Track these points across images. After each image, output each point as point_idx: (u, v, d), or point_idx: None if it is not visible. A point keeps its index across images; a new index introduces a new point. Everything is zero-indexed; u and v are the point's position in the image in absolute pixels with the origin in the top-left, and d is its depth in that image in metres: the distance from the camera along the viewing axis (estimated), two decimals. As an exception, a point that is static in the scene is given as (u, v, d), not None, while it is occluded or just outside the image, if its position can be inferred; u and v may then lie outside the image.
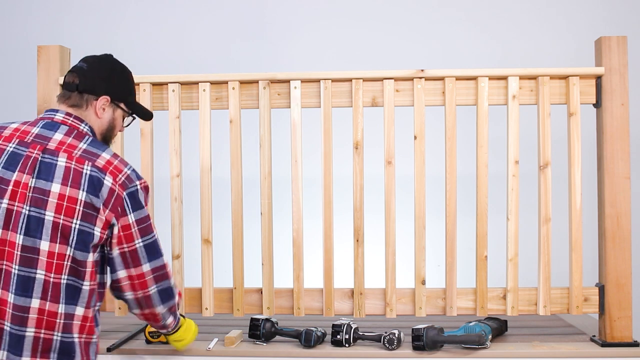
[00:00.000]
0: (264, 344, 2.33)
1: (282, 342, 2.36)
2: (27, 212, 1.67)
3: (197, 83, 2.44)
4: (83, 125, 1.83)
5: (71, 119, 1.82)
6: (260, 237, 2.43)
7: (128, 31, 3.67)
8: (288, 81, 2.43)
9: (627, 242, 2.32)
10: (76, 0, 3.76)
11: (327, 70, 2.42)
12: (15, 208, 1.67)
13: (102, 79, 1.86)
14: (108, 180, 1.74)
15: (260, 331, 2.33)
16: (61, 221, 1.68)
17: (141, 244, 1.81)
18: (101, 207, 1.72)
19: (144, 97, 2.43)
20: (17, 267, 1.65)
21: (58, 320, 1.68)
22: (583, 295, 2.36)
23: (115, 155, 1.81)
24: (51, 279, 1.67)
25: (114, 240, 1.77)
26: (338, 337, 2.29)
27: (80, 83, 1.83)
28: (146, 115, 2.04)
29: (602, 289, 2.34)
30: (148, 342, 2.30)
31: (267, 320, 2.35)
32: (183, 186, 2.47)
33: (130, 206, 1.77)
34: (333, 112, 2.42)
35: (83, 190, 1.70)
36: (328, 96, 2.41)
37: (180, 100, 2.45)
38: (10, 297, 1.65)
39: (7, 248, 1.66)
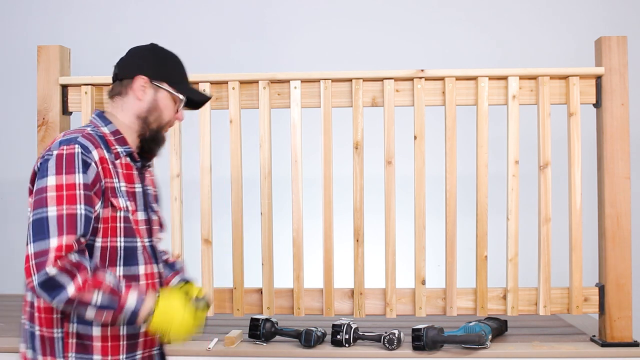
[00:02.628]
0: (264, 344, 2.33)
1: (282, 342, 2.36)
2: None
3: (197, 83, 2.44)
4: (92, 115, 1.75)
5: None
6: (260, 237, 2.43)
7: (128, 31, 3.67)
8: (288, 81, 2.43)
9: (627, 242, 2.32)
10: (76, 0, 3.76)
11: (327, 70, 2.42)
12: None
13: (138, 61, 1.77)
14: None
15: (260, 331, 2.33)
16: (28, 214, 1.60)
17: (30, 218, 1.51)
18: (30, 187, 1.59)
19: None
20: None
21: (27, 308, 1.62)
22: (583, 295, 2.36)
23: (69, 131, 1.63)
24: None
25: None
26: (338, 337, 2.29)
27: (118, 72, 1.75)
28: (198, 96, 1.80)
29: (602, 289, 2.34)
30: None
31: (267, 320, 2.35)
32: (183, 186, 2.47)
33: (37, 177, 1.55)
34: (333, 112, 2.42)
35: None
36: (328, 96, 2.41)
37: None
38: None
39: None
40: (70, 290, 1.47)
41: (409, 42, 3.60)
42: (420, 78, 2.38)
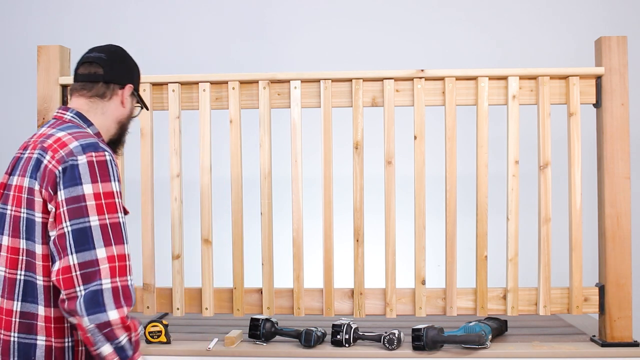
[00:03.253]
0: (264, 344, 2.33)
1: (282, 342, 2.36)
2: (0, 210, 1.64)
3: (197, 83, 2.44)
4: (67, 113, 1.71)
5: (60, 111, 1.73)
6: (260, 237, 2.43)
7: (128, 31, 3.67)
8: (288, 81, 2.43)
9: (627, 242, 2.32)
10: (76, 0, 3.76)
11: (327, 70, 2.42)
12: None
13: (125, 69, 1.80)
14: (46, 158, 1.56)
15: (260, 331, 2.33)
16: (14, 213, 1.59)
17: (69, 228, 1.48)
18: (38, 189, 1.55)
19: (144, 97, 2.43)
20: None
21: (14, 319, 1.55)
22: (583, 295, 2.36)
23: (73, 133, 1.61)
24: (8, 275, 1.57)
25: (50, 221, 1.54)
26: (338, 337, 2.29)
27: (105, 73, 1.74)
28: (146, 106, 1.93)
29: (602, 289, 2.34)
30: (148, 342, 2.30)
31: (267, 320, 2.35)
32: (183, 186, 2.47)
33: (62, 183, 1.51)
34: (333, 112, 2.42)
35: (28, 177, 1.58)
36: (328, 96, 2.41)
37: (180, 100, 2.45)
38: None
39: None
40: (113, 316, 1.44)
41: (409, 42, 3.60)
42: (420, 78, 2.38)
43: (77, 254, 1.46)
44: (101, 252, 1.47)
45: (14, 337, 1.55)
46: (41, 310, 1.55)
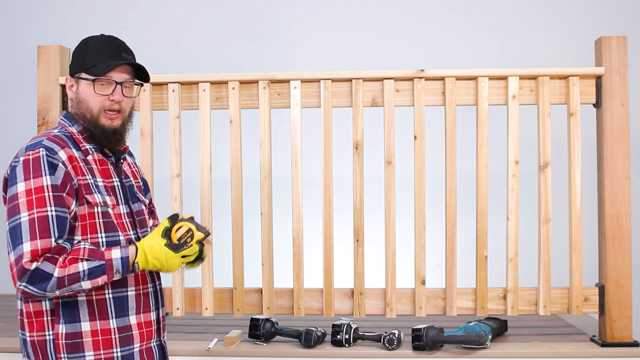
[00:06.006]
0: (264, 344, 2.33)
1: (282, 342, 2.36)
2: None
3: (197, 83, 2.44)
4: (60, 116, 1.76)
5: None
6: (260, 237, 2.43)
7: (128, 31, 3.65)
8: (288, 81, 2.43)
9: (627, 242, 2.32)
10: (76, 0, 3.76)
11: (327, 70, 2.42)
12: None
13: (75, 56, 1.72)
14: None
15: (260, 331, 2.33)
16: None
17: (7, 226, 1.54)
18: (3, 195, 1.62)
19: (144, 97, 2.43)
20: None
21: (18, 317, 1.64)
22: (583, 295, 2.36)
23: (38, 136, 1.64)
24: None
25: None
26: (338, 337, 2.29)
27: (69, 66, 1.74)
28: (108, 69, 1.64)
29: (602, 289, 2.34)
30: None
31: (267, 320, 2.35)
32: (183, 186, 2.47)
33: (7, 184, 1.58)
34: (333, 112, 2.42)
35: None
36: (328, 96, 2.41)
37: (180, 100, 2.45)
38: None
39: None
40: (55, 272, 1.50)
41: (409, 42, 3.60)
42: (420, 78, 2.38)
43: (13, 251, 1.52)
44: (27, 246, 1.50)
45: (19, 334, 1.65)
46: (20, 305, 1.62)
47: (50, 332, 1.59)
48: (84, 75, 1.66)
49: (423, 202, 2.40)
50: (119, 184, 1.70)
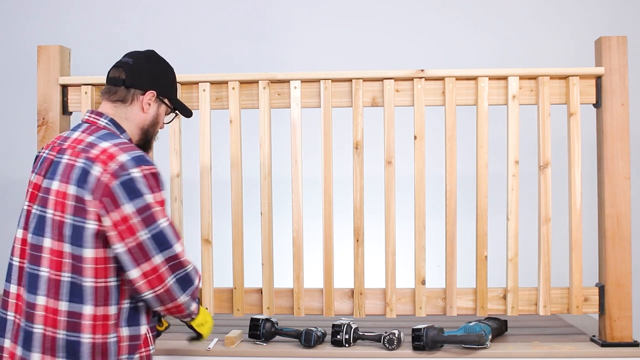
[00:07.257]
0: (264, 344, 2.33)
1: (282, 342, 2.36)
2: (36, 212, 1.74)
3: (197, 83, 2.44)
4: (102, 119, 1.82)
5: (93, 115, 1.83)
6: (260, 237, 2.43)
7: (128, 31, 3.67)
8: (288, 81, 2.43)
9: (627, 242, 2.32)
10: (76, 0, 3.76)
11: (327, 70, 2.41)
12: (29, 208, 1.77)
13: (149, 74, 1.87)
14: (96, 170, 1.67)
15: (260, 331, 2.33)
16: (58, 218, 1.69)
17: (147, 234, 1.67)
18: (89, 199, 1.66)
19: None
20: (27, 264, 1.73)
21: (60, 318, 1.67)
22: (583, 295, 2.36)
23: (118, 144, 1.72)
24: (53, 276, 1.69)
25: (113, 234, 1.66)
26: (338, 337, 2.29)
27: (127, 78, 1.83)
28: (187, 112, 2.04)
29: (602, 289, 2.34)
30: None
31: (267, 320, 2.35)
32: (183, 186, 2.47)
33: (124, 196, 1.65)
34: (333, 112, 2.42)
35: (74, 185, 1.68)
36: (328, 96, 2.41)
37: (180, 100, 2.44)
38: (24, 294, 1.73)
39: (20, 246, 1.77)
40: (197, 282, 1.81)
41: (409, 42, 3.60)
42: (420, 78, 2.38)
43: (161, 253, 1.69)
44: (177, 247, 1.73)
45: (60, 334, 1.68)
46: (86, 310, 1.68)
47: (113, 335, 1.72)
48: (168, 102, 1.93)
49: (423, 202, 2.40)
50: None
